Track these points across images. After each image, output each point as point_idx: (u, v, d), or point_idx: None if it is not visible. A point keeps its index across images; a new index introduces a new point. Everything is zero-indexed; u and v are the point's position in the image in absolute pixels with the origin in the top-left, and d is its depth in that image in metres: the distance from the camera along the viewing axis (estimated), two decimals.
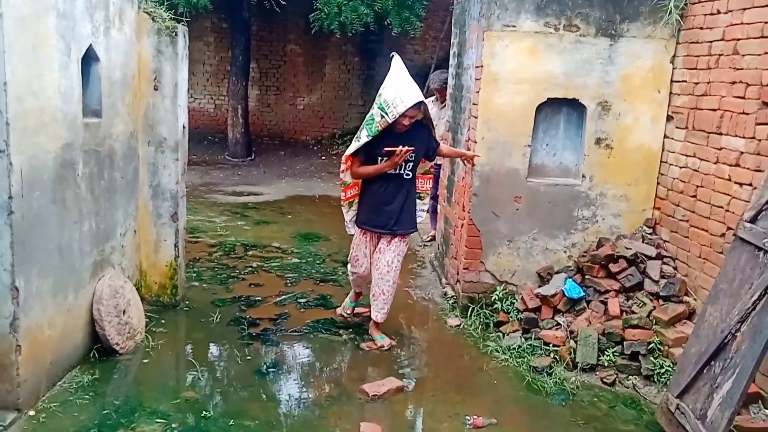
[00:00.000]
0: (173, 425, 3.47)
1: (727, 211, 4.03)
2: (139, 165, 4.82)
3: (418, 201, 4.64)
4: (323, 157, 12.98)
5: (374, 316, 4.60)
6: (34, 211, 3.42)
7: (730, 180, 4.01)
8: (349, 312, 5.01)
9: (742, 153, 3.91)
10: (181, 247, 5.08)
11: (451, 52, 6.05)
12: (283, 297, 5.45)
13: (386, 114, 4.13)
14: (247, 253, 6.69)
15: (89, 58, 3.94)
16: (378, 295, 4.53)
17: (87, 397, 3.69)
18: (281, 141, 13.93)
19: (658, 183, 4.88)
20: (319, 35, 12.42)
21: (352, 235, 4.72)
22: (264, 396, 3.85)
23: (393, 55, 4.41)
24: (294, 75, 13.98)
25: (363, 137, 4.27)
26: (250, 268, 6.17)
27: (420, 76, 13.28)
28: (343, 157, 4.49)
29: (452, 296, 5.43)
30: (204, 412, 3.60)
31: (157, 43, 4.67)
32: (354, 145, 4.35)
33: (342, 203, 4.65)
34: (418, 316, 5.29)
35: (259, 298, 5.40)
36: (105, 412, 3.55)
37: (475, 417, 3.65)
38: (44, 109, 3.45)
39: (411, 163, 4.37)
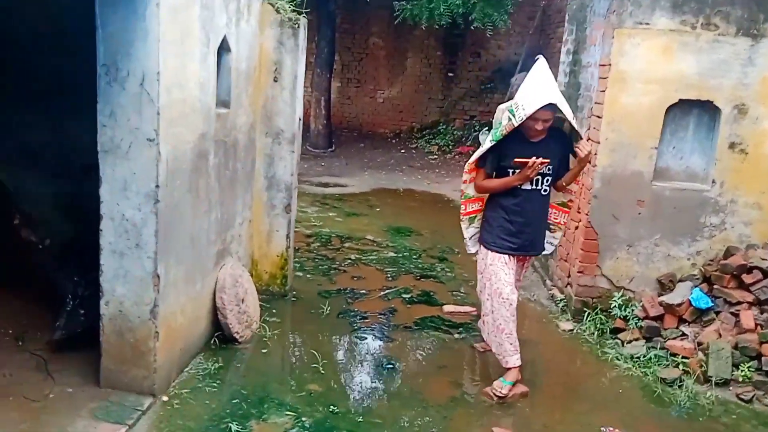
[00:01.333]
0: (303, 419, 3.46)
1: None
2: (256, 156, 4.85)
3: (547, 233, 4.09)
4: (402, 151, 12.92)
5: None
6: (174, 200, 3.46)
7: None
8: (506, 392, 3.79)
9: None
10: (292, 238, 5.10)
11: (564, 49, 5.86)
12: (387, 291, 5.41)
13: (513, 116, 3.63)
14: (343, 245, 6.70)
15: (222, 49, 3.97)
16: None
17: (215, 384, 3.72)
18: (360, 133, 13.94)
19: None
20: (402, 29, 12.37)
21: (473, 253, 4.20)
22: (386, 394, 3.82)
23: (538, 57, 3.88)
24: (375, 68, 13.96)
25: (487, 143, 3.80)
26: (349, 261, 6.17)
27: (503, 72, 13.09)
28: (467, 166, 4.00)
29: (561, 299, 5.28)
30: (332, 407, 3.58)
31: (279, 35, 4.67)
32: (478, 152, 3.90)
33: (461, 218, 4.14)
34: (526, 318, 5.16)
35: (364, 291, 5.38)
36: (235, 401, 3.58)
37: (611, 429, 3.51)
38: (186, 100, 3.48)
39: (549, 178, 3.79)
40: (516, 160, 3.67)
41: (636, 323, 4.61)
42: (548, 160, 3.67)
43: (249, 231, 4.90)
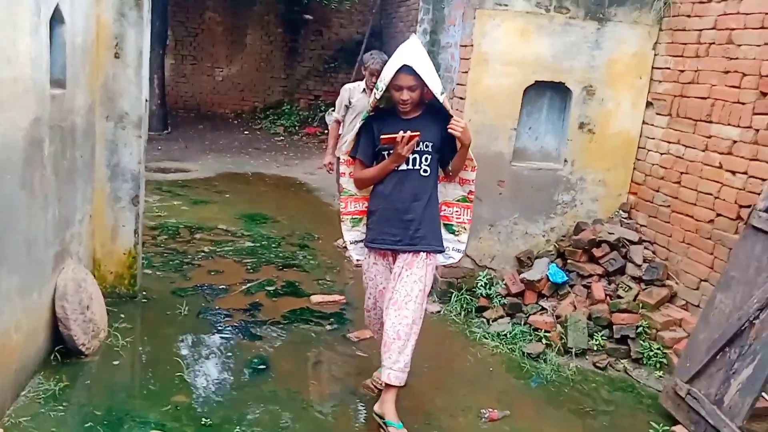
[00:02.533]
0: None
1: (716, 198, 4.13)
2: (96, 142, 4.29)
3: (450, 235, 3.53)
4: (246, 132, 12.40)
5: (385, 374, 3.27)
6: (5, 199, 2.92)
7: (721, 168, 4.11)
8: (380, 382, 3.46)
9: (735, 142, 4.01)
10: (140, 233, 4.61)
11: (420, 29, 5.84)
12: (249, 285, 5.10)
13: (377, 89, 3.26)
14: (194, 236, 6.24)
15: (54, 21, 3.41)
16: (391, 342, 3.25)
17: (60, 408, 3.23)
18: (198, 114, 13.19)
19: (634, 168, 4.96)
20: (240, 2, 11.82)
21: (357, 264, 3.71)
22: (262, 398, 3.56)
23: (409, 35, 3.60)
24: (212, 44, 13.25)
25: (357, 125, 3.42)
26: (203, 253, 5.75)
27: (347, 51, 13.00)
28: (342, 157, 3.61)
29: None
30: (203, 420, 3.26)
31: (120, 5, 4.14)
32: (348, 138, 3.59)
33: (341, 217, 3.58)
34: None
35: (223, 286, 5.03)
36: (88, 424, 3.13)
37: (490, 410, 3.56)
38: (18, 79, 2.94)
39: (428, 156, 3.30)
40: (382, 136, 3.20)
41: (499, 301, 4.74)
42: (418, 133, 3.17)
43: (90, 228, 4.34)
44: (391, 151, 3.24)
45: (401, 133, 3.15)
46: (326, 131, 12.35)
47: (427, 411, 3.57)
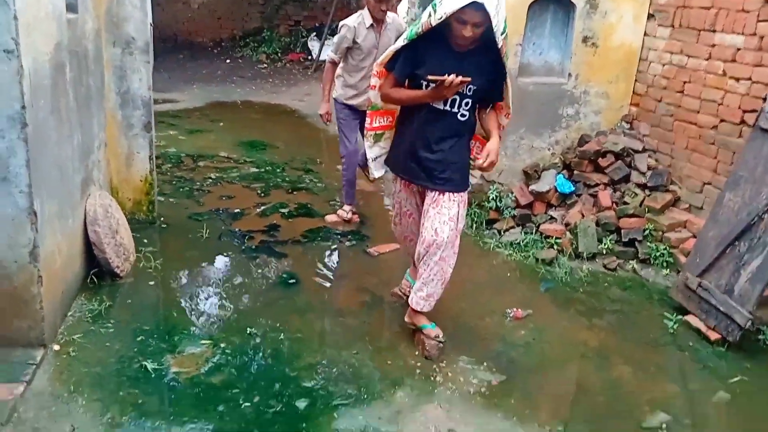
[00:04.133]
0: (221, 345, 3.28)
1: (720, 105, 4.28)
2: (104, 69, 4.25)
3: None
4: (228, 61, 12.14)
5: (411, 299, 3.33)
6: (40, 124, 2.93)
7: (724, 75, 4.24)
8: (409, 290, 3.53)
9: (739, 49, 4.12)
10: (154, 160, 4.63)
11: None
12: (263, 208, 5.20)
13: (434, 11, 2.88)
14: (197, 164, 6.26)
15: None
16: (421, 272, 3.25)
17: (109, 325, 3.36)
18: (176, 43, 12.80)
19: (636, 80, 5.07)
20: None
21: (377, 179, 3.55)
22: (299, 308, 3.72)
23: None
24: None
25: (400, 42, 3.08)
26: (210, 180, 5.80)
27: None
28: (375, 67, 3.27)
29: None
30: (248, 329, 3.42)
31: None
32: (389, 51, 3.15)
33: (365, 132, 3.41)
34: None
35: (238, 210, 5.12)
36: (140, 338, 3.27)
37: (514, 310, 3.78)
38: (40, 2, 2.90)
39: (468, 101, 3.05)
40: (429, 77, 2.95)
41: (509, 213, 4.92)
42: (469, 79, 2.90)
43: (106, 156, 4.36)
44: (433, 85, 2.98)
45: (452, 77, 2.87)
46: (310, 57, 12.25)
47: (454, 315, 3.77)
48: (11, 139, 2.73)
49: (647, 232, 4.49)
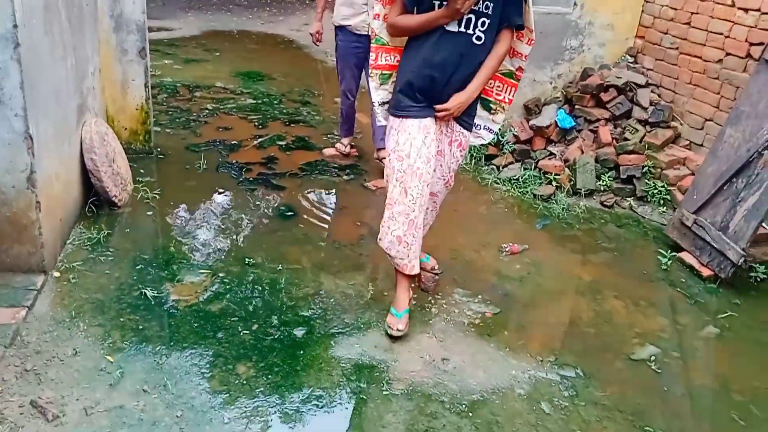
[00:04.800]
0: (220, 274, 3.31)
1: (727, 37, 4.19)
2: None
3: (484, 112, 3.05)
4: None
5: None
6: (33, 44, 2.86)
7: (733, 6, 4.14)
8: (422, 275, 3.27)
9: None
10: (149, 87, 4.55)
11: None
12: (261, 140, 5.15)
13: None
14: (194, 94, 6.17)
15: None
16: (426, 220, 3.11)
17: (108, 253, 3.38)
18: None
19: (642, 11, 4.95)
20: None
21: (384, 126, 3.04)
22: (296, 240, 3.74)
23: None
24: None
25: None
26: (207, 111, 5.72)
27: None
28: None
29: None
30: (246, 259, 3.45)
31: None
32: None
33: (370, 71, 3.02)
34: None
35: (235, 142, 5.07)
36: (139, 267, 3.30)
37: (510, 244, 3.81)
38: None
39: (485, 20, 2.70)
40: None
41: (509, 148, 4.88)
42: None
43: (101, 83, 4.28)
44: (445, 3, 2.66)
45: None
46: None
47: (452, 247, 3.80)
48: (4, 60, 2.68)
49: (646, 169, 4.48)
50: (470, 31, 2.72)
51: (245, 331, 2.90)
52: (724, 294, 3.56)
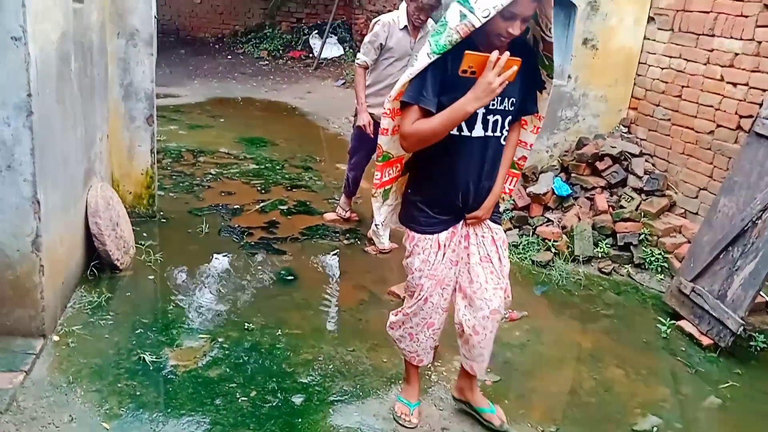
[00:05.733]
0: (219, 339, 3.31)
1: (717, 109, 4.33)
2: (108, 61, 4.27)
3: None
4: (229, 57, 12.17)
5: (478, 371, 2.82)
6: (45, 113, 2.96)
7: (722, 80, 4.29)
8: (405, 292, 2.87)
9: (737, 54, 4.16)
10: (155, 153, 4.66)
11: None
12: (263, 204, 5.22)
13: (472, 12, 2.14)
14: (198, 159, 6.29)
15: None
16: (477, 347, 2.75)
17: (108, 317, 3.39)
18: (178, 38, 12.87)
19: (635, 84, 5.12)
20: None
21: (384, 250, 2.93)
22: (296, 304, 3.75)
23: None
24: None
25: (422, 59, 2.25)
26: (210, 175, 5.83)
27: None
28: (386, 104, 2.43)
29: None
30: (245, 324, 3.45)
31: None
32: (404, 78, 2.32)
33: (373, 191, 2.60)
34: None
35: (238, 206, 5.14)
36: (138, 331, 3.30)
37: (510, 311, 3.81)
38: None
39: (510, 117, 2.43)
40: (467, 52, 2.11)
41: (507, 215, 4.95)
42: (519, 60, 2.14)
43: (108, 148, 4.38)
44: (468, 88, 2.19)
45: (495, 53, 2.11)
46: (311, 55, 12.24)
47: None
48: (17, 127, 2.76)
49: (643, 236, 4.53)
50: (498, 133, 2.44)
51: (243, 398, 2.87)
52: (725, 363, 3.54)
